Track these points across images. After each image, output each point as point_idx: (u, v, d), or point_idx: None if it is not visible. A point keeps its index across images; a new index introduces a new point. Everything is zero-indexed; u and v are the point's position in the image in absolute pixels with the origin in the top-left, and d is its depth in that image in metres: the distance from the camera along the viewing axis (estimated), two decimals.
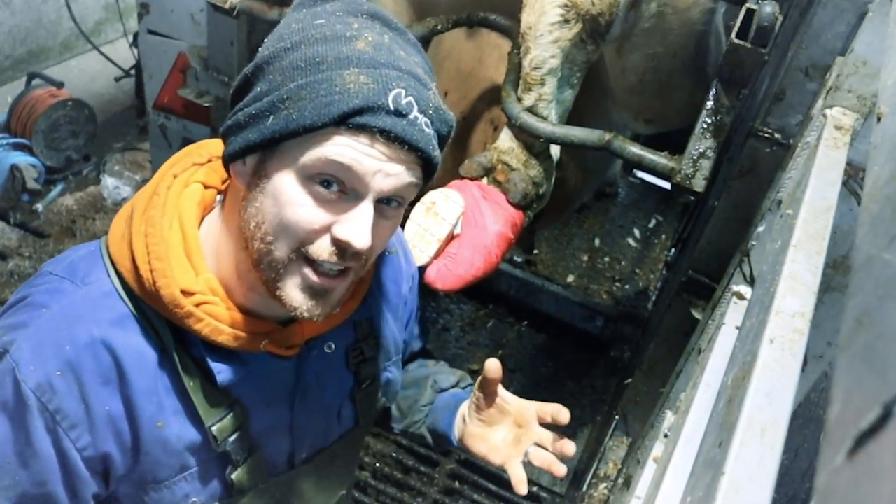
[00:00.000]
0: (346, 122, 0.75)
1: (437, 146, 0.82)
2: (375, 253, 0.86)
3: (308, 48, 0.76)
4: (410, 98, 0.76)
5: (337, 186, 0.78)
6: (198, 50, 2.07)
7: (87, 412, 0.82)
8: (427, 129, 0.79)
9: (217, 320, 0.84)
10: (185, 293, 0.82)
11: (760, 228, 1.13)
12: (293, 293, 0.82)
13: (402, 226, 1.27)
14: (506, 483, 2.23)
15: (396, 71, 0.77)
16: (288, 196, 0.78)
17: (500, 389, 1.09)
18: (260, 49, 0.81)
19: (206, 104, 2.08)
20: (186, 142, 2.29)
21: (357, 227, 0.79)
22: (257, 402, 0.93)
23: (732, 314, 1.04)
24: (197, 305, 0.83)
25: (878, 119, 0.70)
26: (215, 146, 0.92)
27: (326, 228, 0.80)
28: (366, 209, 0.79)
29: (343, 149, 0.76)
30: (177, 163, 0.90)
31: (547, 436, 1.06)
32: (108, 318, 0.83)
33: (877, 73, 0.98)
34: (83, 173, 3.39)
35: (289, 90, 0.75)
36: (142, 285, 0.82)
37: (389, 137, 0.76)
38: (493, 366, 1.05)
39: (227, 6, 1.74)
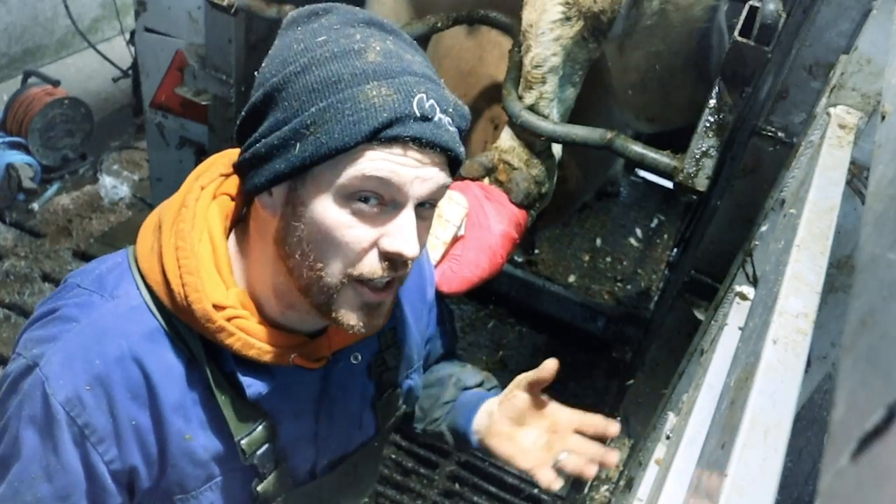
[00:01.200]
0: (378, 136, 0.74)
1: (460, 141, 0.83)
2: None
3: (320, 69, 0.75)
4: (432, 101, 0.77)
5: (376, 200, 0.78)
6: (195, 48, 2.06)
7: (115, 426, 0.83)
8: (451, 128, 0.79)
9: (248, 334, 0.84)
10: (216, 307, 0.82)
11: (763, 228, 1.12)
12: (349, 315, 0.83)
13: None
14: (506, 485, 2.23)
15: (413, 77, 0.77)
16: (331, 221, 0.78)
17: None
18: (261, 75, 0.79)
19: (203, 102, 2.07)
20: (184, 141, 2.28)
21: (405, 236, 0.79)
22: (285, 414, 0.94)
23: (735, 315, 1.03)
24: (228, 320, 0.83)
25: (883, 118, 0.69)
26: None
27: (374, 244, 0.80)
28: (409, 217, 0.79)
29: (379, 163, 0.75)
30: (203, 173, 0.89)
31: (584, 446, 1.04)
32: (137, 332, 0.83)
33: (881, 72, 0.97)
34: (79, 172, 3.38)
35: (311, 115, 0.75)
36: (173, 299, 0.82)
37: (421, 144, 0.76)
38: (551, 365, 1.05)
39: (224, 4, 1.73)
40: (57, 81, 3.33)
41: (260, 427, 0.90)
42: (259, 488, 0.94)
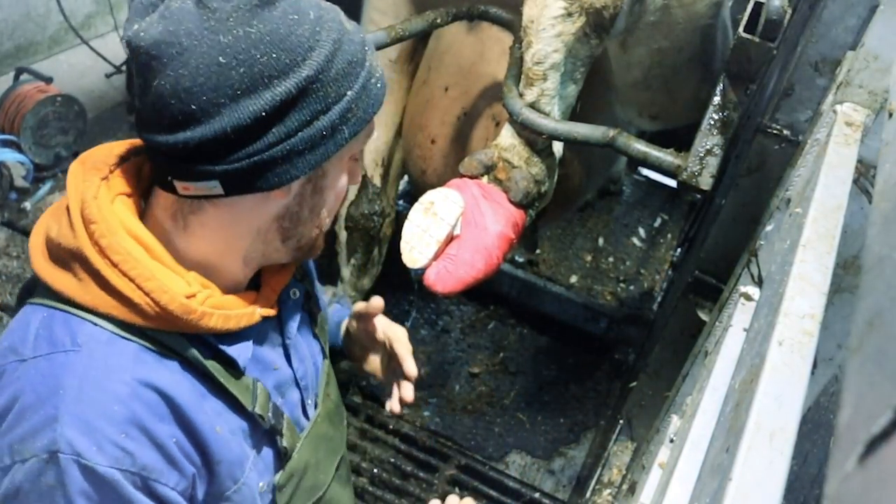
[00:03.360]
0: None
1: None
2: None
3: (343, 53, 0.80)
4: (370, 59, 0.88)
5: None
6: None
7: (162, 453, 0.81)
8: None
9: (222, 309, 0.86)
10: (189, 297, 0.82)
11: (769, 228, 1.11)
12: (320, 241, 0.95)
13: (401, 226, 1.26)
14: (508, 489, 2.22)
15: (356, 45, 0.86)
16: (344, 181, 0.90)
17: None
18: (263, 68, 0.74)
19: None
20: None
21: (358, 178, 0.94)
22: (268, 367, 0.97)
23: (740, 316, 1.03)
24: (202, 303, 0.84)
25: (890, 115, 0.68)
26: (103, 153, 0.88)
27: None
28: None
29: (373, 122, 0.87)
30: (84, 191, 0.83)
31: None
32: (128, 362, 0.81)
33: (888, 69, 0.97)
34: None
35: (351, 98, 0.80)
36: (141, 311, 0.80)
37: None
38: (378, 303, 1.15)
39: None
40: (50, 78, 3.29)
41: (257, 389, 0.93)
42: (284, 443, 0.97)
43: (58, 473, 0.75)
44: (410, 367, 1.12)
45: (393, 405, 1.16)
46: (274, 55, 0.74)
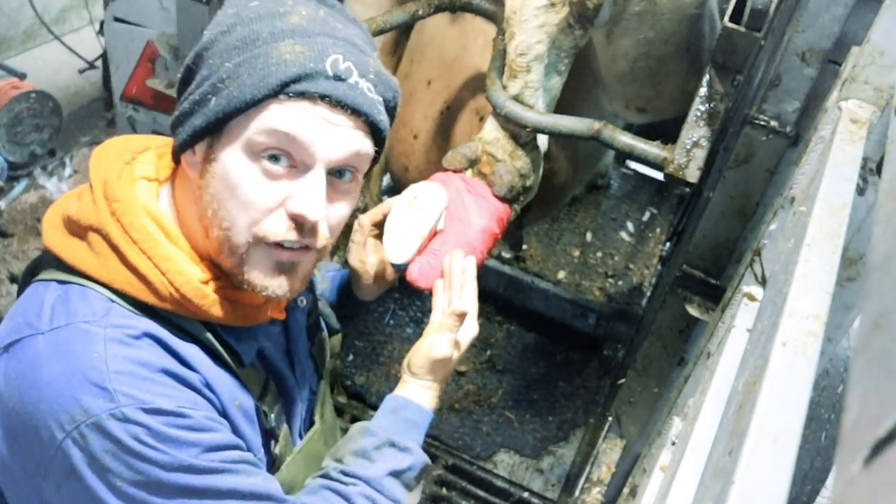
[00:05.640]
0: (285, 90, 0.76)
1: (382, 111, 0.84)
2: (336, 231, 0.87)
3: (244, 28, 0.78)
4: (349, 63, 0.78)
5: (286, 160, 0.79)
6: (167, 38, 2.00)
7: (202, 394, 0.82)
8: (370, 94, 0.80)
9: (233, 301, 0.85)
10: (203, 283, 0.82)
11: (773, 226, 1.10)
12: (261, 277, 0.83)
13: (382, 221, 1.23)
14: (496, 489, 2.19)
15: (332, 39, 0.79)
16: (238, 175, 0.78)
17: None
18: (198, 40, 0.82)
19: (175, 95, 2.02)
20: (156, 134, 2.22)
21: (308, 197, 0.78)
22: (275, 370, 0.96)
23: (743, 316, 1.02)
24: (214, 291, 0.83)
25: None
26: (124, 142, 0.91)
27: (280, 204, 0.80)
28: (316, 178, 0.79)
29: (284, 118, 0.76)
30: (107, 171, 0.84)
31: None
32: (147, 328, 0.79)
33: (894, 64, 0.96)
34: (48, 169, 3.27)
35: (227, 70, 0.77)
36: (156, 291, 0.80)
37: (331, 102, 0.77)
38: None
39: None
40: (23, 74, 3.23)
41: (267, 388, 0.92)
42: (276, 450, 0.94)
43: (125, 424, 0.74)
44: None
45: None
46: (208, 30, 0.83)
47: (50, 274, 0.83)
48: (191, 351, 0.83)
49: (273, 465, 0.95)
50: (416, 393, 1.03)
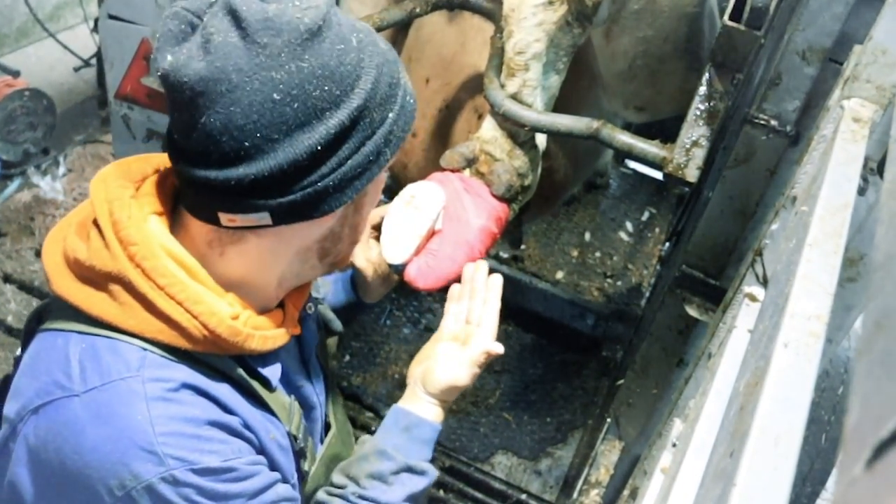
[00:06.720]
0: None
1: None
2: None
3: (383, 77, 0.80)
4: None
5: None
6: None
7: (245, 438, 0.84)
8: None
9: (262, 330, 0.86)
10: (233, 319, 0.82)
11: (774, 226, 1.09)
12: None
13: (380, 223, 1.23)
14: (494, 491, 2.18)
15: None
16: (378, 194, 0.91)
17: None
18: (313, 100, 0.74)
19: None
20: (151, 133, 2.21)
21: None
22: (296, 387, 0.98)
23: (744, 317, 1.02)
24: (244, 325, 0.84)
25: None
26: (121, 169, 0.86)
27: None
28: None
29: None
30: (115, 210, 0.80)
31: None
32: (185, 378, 0.80)
33: None
34: (42, 168, 3.25)
35: (395, 117, 0.81)
36: (189, 335, 0.79)
37: None
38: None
39: None
40: (17, 72, 3.21)
41: (294, 409, 0.94)
42: (305, 467, 0.97)
43: (176, 487, 0.75)
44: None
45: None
46: (326, 88, 0.74)
47: (65, 324, 0.80)
48: (225, 392, 0.83)
49: (302, 479, 0.97)
50: (428, 410, 1.03)
